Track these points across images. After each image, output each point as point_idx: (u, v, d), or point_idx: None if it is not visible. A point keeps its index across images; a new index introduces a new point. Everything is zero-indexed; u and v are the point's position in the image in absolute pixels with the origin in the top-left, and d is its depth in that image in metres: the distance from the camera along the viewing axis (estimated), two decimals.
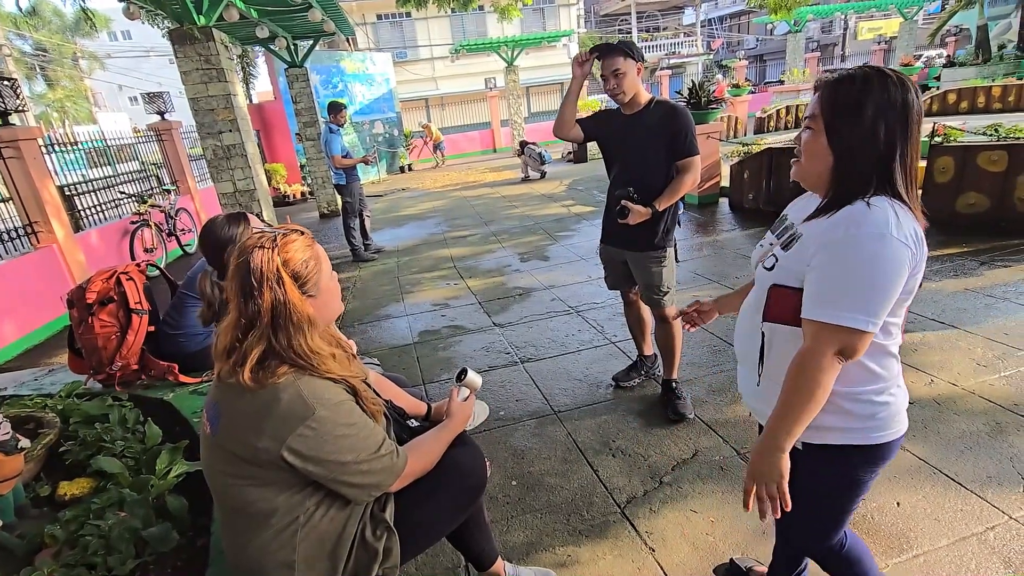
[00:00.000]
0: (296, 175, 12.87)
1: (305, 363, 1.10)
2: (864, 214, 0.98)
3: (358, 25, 21.58)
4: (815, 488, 1.17)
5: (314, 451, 1.07)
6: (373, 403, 1.21)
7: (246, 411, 1.08)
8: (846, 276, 0.97)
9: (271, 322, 1.08)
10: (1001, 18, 19.81)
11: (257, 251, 1.09)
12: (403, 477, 1.21)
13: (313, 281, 1.15)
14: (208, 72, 4.96)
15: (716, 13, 36.61)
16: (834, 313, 0.97)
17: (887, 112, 0.99)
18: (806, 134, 1.09)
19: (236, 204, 5.28)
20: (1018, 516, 1.83)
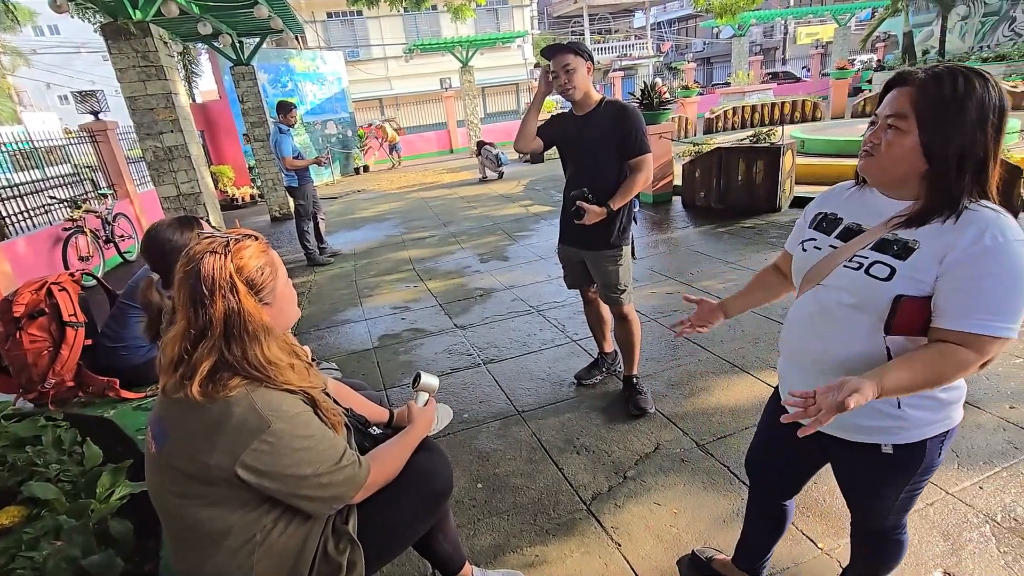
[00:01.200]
0: (245, 177, 12.39)
1: (261, 374, 1.05)
2: (999, 219, 0.96)
3: (307, 23, 21.00)
4: (906, 478, 1.18)
5: (271, 466, 1.03)
6: (333, 413, 1.17)
7: (195, 427, 1.03)
8: (1004, 287, 0.94)
9: (224, 332, 1.02)
10: (924, 26, 21.20)
11: (208, 257, 1.03)
12: (366, 487, 1.17)
13: (269, 288, 1.10)
14: (146, 70, 4.70)
15: (665, 17, 37.59)
16: (999, 326, 0.94)
17: (988, 117, 0.95)
18: (890, 134, 1.02)
19: (180, 208, 5.03)
20: (954, 491, 1.96)
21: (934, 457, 1.14)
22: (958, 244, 0.96)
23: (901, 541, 1.34)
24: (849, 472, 1.28)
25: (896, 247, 1.04)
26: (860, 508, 1.33)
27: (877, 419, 1.12)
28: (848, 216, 1.17)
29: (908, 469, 1.16)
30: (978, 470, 2.05)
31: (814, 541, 1.81)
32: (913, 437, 1.11)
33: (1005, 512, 1.85)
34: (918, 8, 20.51)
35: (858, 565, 1.46)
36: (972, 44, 19.73)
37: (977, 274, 0.95)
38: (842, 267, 1.10)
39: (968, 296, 0.95)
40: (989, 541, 1.75)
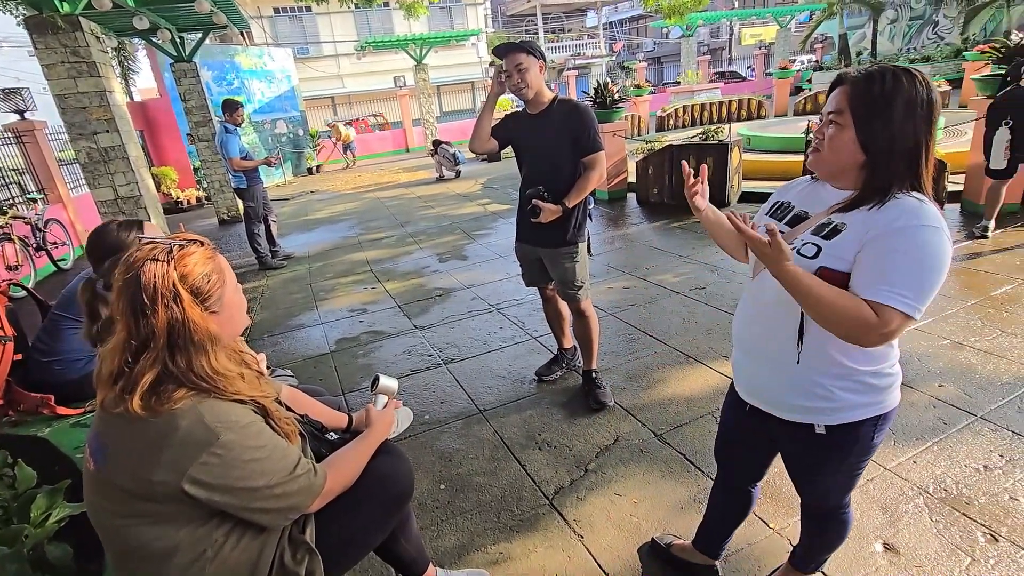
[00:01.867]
0: (190, 179, 11.87)
1: (208, 385, 1.01)
2: (920, 207, 1.02)
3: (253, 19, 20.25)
4: (842, 459, 1.25)
5: (221, 479, 0.99)
6: (286, 422, 1.14)
7: (137, 442, 0.98)
8: (911, 265, 0.99)
9: (167, 343, 0.98)
10: (858, 28, 22.41)
11: (149, 265, 0.98)
12: (323, 495, 1.15)
13: (216, 296, 1.05)
14: (77, 66, 4.42)
15: (616, 16, 38.26)
16: (901, 299, 0.98)
17: (916, 110, 1.02)
18: (831, 129, 1.10)
19: (119, 212, 4.76)
20: (891, 467, 2.08)
21: (868, 440, 1.21)
22: (877, 225, 1.04)
23: (845, 520, 1.41)
24: (789, 453, 1.35)
25: (827, 229, 1.11)
26: (803, 488, 1.40)
27: (810, 399, 1.18)
28: (799, 205, 1.25)
29: (842, 450, 1.23)
30: (912, 446, 2.18)
31: (766, 522, 1.89)
32: (844, 419, 1.18)
33: (936, 484, 1.98)
34: (852, 12, 21.65)
35: (806, 543, 1.54)
36: (900, 46, 21.01)
37: (887, 249, 1.01)
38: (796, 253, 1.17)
39: (876, 269, 1.02)
40: (923, 512, 1.87)
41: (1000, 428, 2.23)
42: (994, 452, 2.11)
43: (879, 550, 1.74)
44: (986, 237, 4.33)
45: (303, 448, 1.22)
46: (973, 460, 2.08)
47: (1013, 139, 3.95)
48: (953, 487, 1.96)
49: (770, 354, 1.23)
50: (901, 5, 21.00)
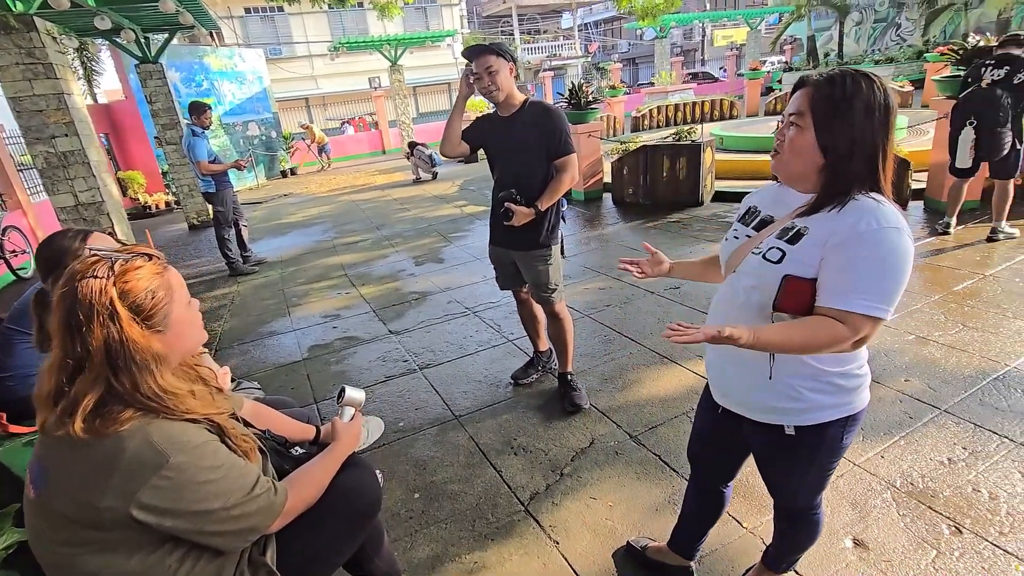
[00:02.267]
0: (158, 183, 11.55)
1: (156, 405, 0.96)
2: (878, 208, 1.03)
3: (223, 19, 19.86)
4: (812, 460, 1.25)
5: (173, 503, 0.94)
6: (243, 440, 1.09)
7: (81, 466, 0.93)
8: (876, 269, 1.00)
9: (107, 362, 0.93)
10: (825, 30, 22.97)
11: (87, 280, 0.93)
12: (285, 514, 1.10)
13: (162, 314, 1.00)
14: (32, 67, 4.26)
15: (591, 18, 38.53)
16: (870, 305, 1.00)
17: (874, 113, 1.04)
18: (792, 131, 1.10)
19: (80, 219, 4.61)
20: (860, 463, 2.12)
21: (838, 440, 1.22)
22: (839, 230, 1.04)
23: (816, 520, 1.43)
24: (760, 454, 1.36)
25: (790, 233, 1.12)
26: (774, 488, 1.41)
27: (779, 400, 1.19)
28: (765, 209, 1.25)
29: (811, 451, 1.23)
30: (880, 441, 2.22)
31: (739, 521, 1.90)
32: (813, 420, 1.18)
33: (903, 478, 2.02)
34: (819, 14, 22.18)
35: (778, 543, 1.55)
36: (866, 47, 21.59)
37: (851, 256, 1.02)
38: (750, 254, 1.19)
39: (843, 277, 1.03)
40: (890, 506, 1.90)
41: (963, 421, 2.29)
42: (958, 445, 2.16)
43: (849, 546, 1.76)
44: (948, 233, 4.46)
45: (264, 465, 1.18)
46: (938, 453, 2.12)
47: (977, 139, 4.07)
48: (919, 480, 2.00)
49: (740, 356, 1.23)
50: (866, 8, 21.59)
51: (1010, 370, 2.60)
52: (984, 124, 4.01)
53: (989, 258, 3.95)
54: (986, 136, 4.03)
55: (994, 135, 3.99)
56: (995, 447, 2.12)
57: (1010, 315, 3.10)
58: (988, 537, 1.73)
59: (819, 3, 20.56)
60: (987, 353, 2.76)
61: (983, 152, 4.10)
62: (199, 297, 5.12)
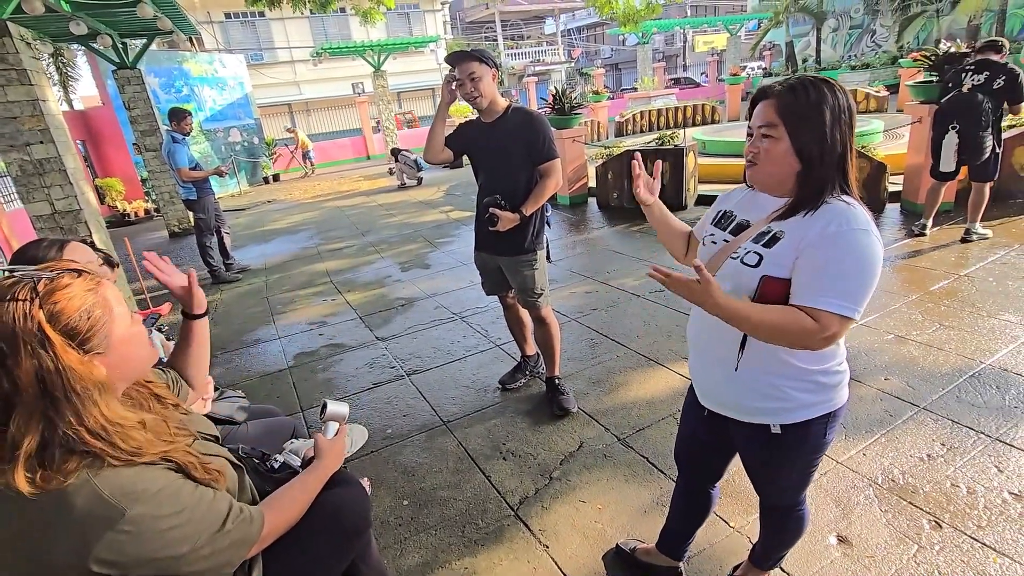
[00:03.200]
0: (137, 190, 11.35)
1: (104, 445, 0.85)
2: (848, 211, 1.06)
3: (202, 24, 19.65)
4: (797, 457, 1.28)
5: (134, 556, 0.86)
6: (208, 470, 1.00)
7: (29, 525, 0.83)
8: (843, 268, 1.04)
9: (42, 397, 0.81)
10: (802, 36, 23.44)
11: (6, 305, 0.81)
12: (262, 540, 1.05)
13: (101, 335, 0.89)
14: (5, 74, 4.17)
15: (574, 24, 38.85)
16: (839, 304, 1.03)
17: (840, 116, 1.08)
18: (766, 142, 1.12)
19: (57, 228, 4.51)
20: (843, 460, 2.15)
21: (820, 437, 1.25)
22: (811, 232, 1.08)
23: (801, 517, 1.45)
24: (748, 454, 1.38)
25: (766, 237, 1.15)
26: (761, 487, 1.43)
27: (764, 400, 1.21)
28: (740, 213, 1.28)
29: (797, 448, 1.26)
30: (861, 438, 2.27)
31: (726, 521, 1.92)
32: (798, 418, 1.21)
33: (884, 474, 2.06)
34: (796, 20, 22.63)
35: (765, 541, 1.57)
36: (842, 53, 22.07)
37: (822, 257, 1.06)
38: (729, 259, 1.21)
39: (815, 277, 1.06)
40: (872, 503, 1.94)
41: (941, 418, 2.34)
42: (936, 441, 2.21)
43: (833, 543, 1.79)
44: (924, 235, 4.57)
45: (240, 481, 1.14)
46: (917, 450, 2.17)
47: (960, 143, 4.18)
48: (900, 477, 2.04)
49: (721, 358, 1.26)
50: (842, 15, 22.09)
51: (985, 367, 2.66)
52: (966, 128, 4.12)
53: (964, 258, 4.05)
54: (969, 140, 4.14)
55: (975, 139, 4.10)
56: (972, 443, 2.17)
57: (984, 314, 3.18)
58: (967, 531, 1.78)
59: (796, 10, 20.99)
60: (963, 351, 2.83)
61: (964, 156, 4.22)
62: None
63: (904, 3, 18.15)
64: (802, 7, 20.92)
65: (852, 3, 21.50)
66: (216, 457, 1.08)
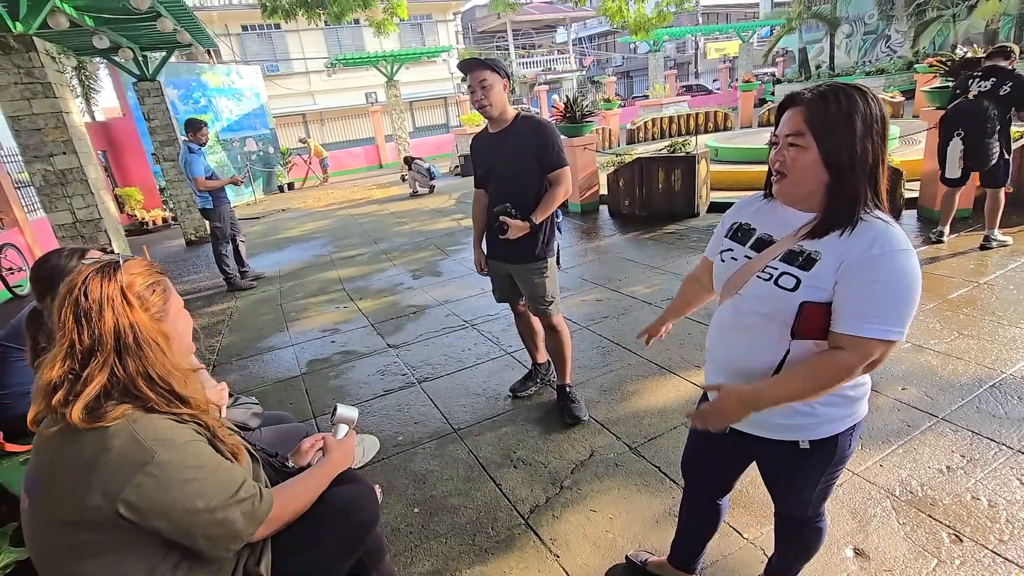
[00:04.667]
0: (155, 199, 11.58)
1: (161, 390, 1.01)
2: (887, 231, 1.03)
3: (220, 36, 20.06)
4: (822, 470, 1.25)
5: (155, 501, 0.94)
6: (232, 442, 1.11)
7: (69, 464, 0.94)
8: (890, 294, 1.01)
9: (115, 347, 0.98)
10: (816, 43, 23.29)
11: (94, 277, 1.00)
12: (268, 522, 1.09)
13: (160, 305, 1.08)
14: (31, 87, 4.30)
15: (585, 32, 39.01)
16: (884, 329, 1.00)
17: (872, 126, 1.03)
18: (793, 151, 1.08)
19: (78, 236, 4.61)
20: (859, 471, 2.12)
21: (845, 449, 1.23)
22: (852, 253, 1.04)
23: (820, 528, 1.42)
24: (772, 468, 1.35)
25: (801, 258, 1.10)
26: (783, 500, 1.41)
27: (793, 417, 1.18)
28: (760, 227, 1.22)
29: (824, 462, 1.24)
30: (878, 449, 2.23)
31: (740, 532, 1.90)
32: (826, 432, 1.19)
33: (902, 486, 2.02)
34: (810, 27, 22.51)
35: (782, 553, 1.54)
36: (856, 59, 21.88)
37: (866, 281, 1.02)
38: (756, 278, 1.16)
39: (858, 303, 1.03)
40: (890, 515, 1.90)
41: (961, 429, 2.29)
42: (956, 453, 2.16)
43: (850, 555, 1.76)
44: (942, 242, 4.50)
45: (255, 471, 1.18)
46: (936, 461, 2.13)
47: (965, 149, 4.13)
48: (918, 489, 2.00)
49: (751, 377, 1.20)
50: (856, 20, 21.93)
51: (1006, 377, 2.61)
52: (971, 135, 4.07)
53: (983, 266, 3.98)
54: (973, 147, 4.08)
55: (981, 146, 4.05)
56: (993, 454, 2.13)
57: (1005, 322, 3.12)
58: (988, 545, 1.73)
59: (809, 16, 20.89)
60: (983, 360, 2.77)
61: (971, 162, 4.16)
62: (197, 312, 5.14)
63: (920, 8, 17.97)
64: (815, 13, 20.82)
65: (866, 9, 21.33)
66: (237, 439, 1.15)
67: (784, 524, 1.48)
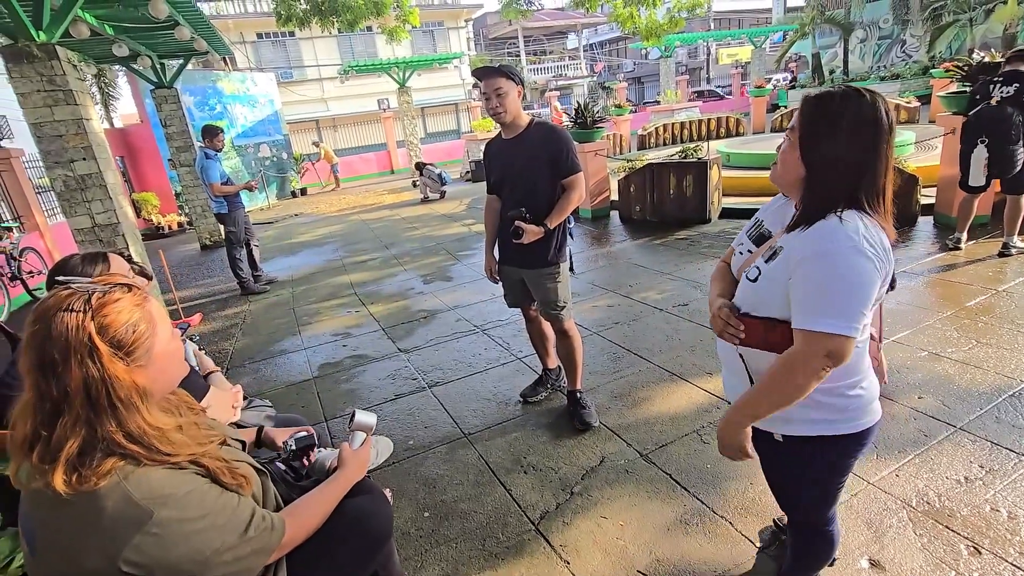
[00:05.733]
0: (171, 204, 11.76)
1: (142, 448, 0.90)
2: (836, 229, 1.04)
3: (236, 44, 20.37)
4: (802, 473, 1.28)
5: (160, 559, 0.89)
6: (234, 475, 1.03)
7: (64, 526, 0.88)
8: (828, 287, 1.03)
9: (88, 404, 0.87)
10: (829, 47, 23.12)
11: (62, 315, 0.87)
12: (282, 547, 1.07)
13: (143, 348, 0.94)
14: (53, 94, 4.39)
15: (597, 39, 39.08)
16: (822, 321, 1.03)
17: (860, 129, 1.04)
18: (784, 143, 1.16)
19: (96, 240, 4.69)
20: (874, 481, 2.09)
21: (831, 457, 1.23)
22: (799, 249, 1.08)
23: (828, 535, 1.41)
24: (762, 460, 1.38)
25: (771, 252, 1.17)
26: (778, 499, 1.43)
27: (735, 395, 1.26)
28: (768, 224, 1.28)
29: (802, 461, 1.26)
30: (894, 458, 2.19)
31: (752, 541, 1.88)
32: (798, 431, 1.21)
33: (919, 497, 1.99)
34: (823, 32, 22.36)
35: (793, 559, 1.53)
36: (871, 64, 21.67)
37: (802, 277, 1.07)
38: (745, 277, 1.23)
39: (800, 296, 1.07)
40: (907, 526, 1.87)
41: (979, 439, 2.25)
42: (974, 463, 2.12)
43: (866, 567, 1.73)
44: (959, 249, 4.43)
45: (264, 485, 1.16)
46: (954, 472, 2.09)
47: (990, 156, 4.06)
48: (936, 500, 1.97)
49: (736, 371, 1.28)
50: (870, 25, 21.74)
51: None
52: (996, 142, 4.01)
53: (1002, 273, 3.91)
54: (998, 154, 4.02)
55: (1005, 153, 3.99)
56: (1013, 465, 2.08)
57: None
58: (1008, 558, 1.70)
59: (823, 21, 20.74)
60: (1002, 369, 2.72)
61: (995, 169, 4.10)
62: (211, 316, 5.19)
63: (936, 12, 17.77)
64: (829, 18, 20.66)
65: (881, 13, 21.15)
66: (241, 463, 1.11)
67: (794, 529, 1.48)
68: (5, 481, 1.94)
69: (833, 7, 21.85)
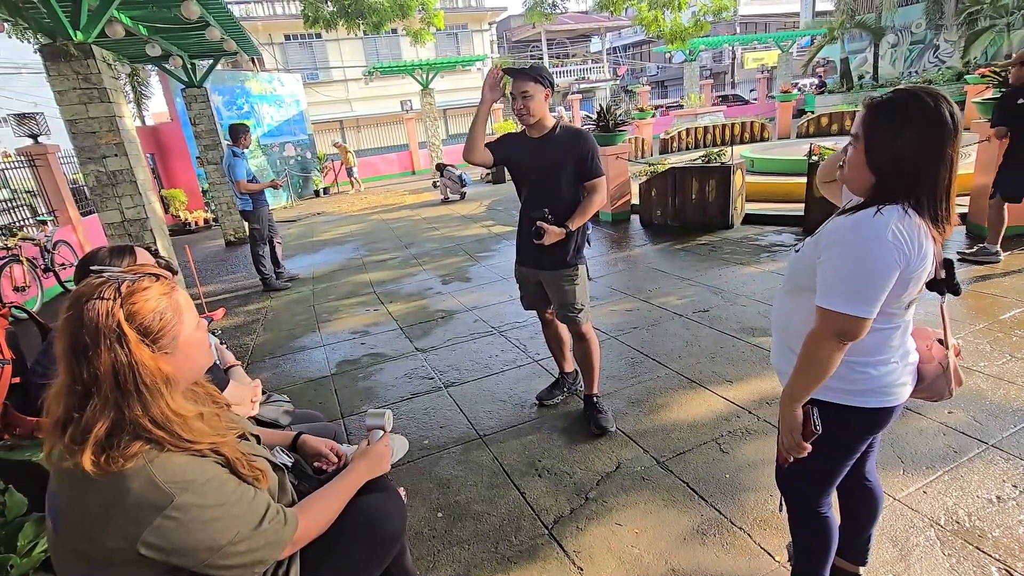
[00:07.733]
0: (198, 201, 12.02)
1: (166, 433, 0.93)
2: (865, 219, 1.09)
3: (264, 45, 20.77)
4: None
5: (178, 543, 0.91)
6: (251, 467, 1.05)
7: (89, 505, 0.91)
8: (845, 270, 1.11)
9: (115, 388, 0.90)
10: (859, 52, 22.63)
11: (93, 302, 0.91)
12: (294, 543, 1.08)
13: (169, 336, 0.97)
14: (88, 92, 4.52)
15: (620, 42, 38.90)
16: (833, 300, 1.11)
17: (923, 134, 1.06)
18: (851, 150, 1.18)
19: (125, 235, 4.81)
20: (900, 497, 2.02)
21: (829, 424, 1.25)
22: (832, 232, 1.16)
23: (823, 518, 1.41)
24: None
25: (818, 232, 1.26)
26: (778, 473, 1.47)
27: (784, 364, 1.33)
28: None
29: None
30: (922, 475, 2.12)
31: (771, 554, 1.83)
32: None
33: (948, 515, 1.92)
34: (852, 36, 21.90)
35: (796, 554, 1.55)
36: (902, 70, 21.17)
37: (831, 258, 1.14)
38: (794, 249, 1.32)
39: (823, 276, 1.16)
40: (934, 545, 1.81)
41: (1013, 457, 2.17)
42: (1007, 482, 2.04)
43: None
44: (997, 261, 4.28)
45: (280, 481, 1.17)
46: (985, 490, 2.01)
47: None
48: (965, 519, 1.89)
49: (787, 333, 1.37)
50: (902, 30, 21.23)
51: None
52: None
53: None
54: None
55: None
56: None
57: None
58: None
59: (853, 25, 20.32)
60: None
61: None
62: (234, 311, 5.29)
63: (971, 17, 17.26)
64: (859, 23, 20.23)
65: (914, 18, 20.64)
66: (258, 457, 1.12)
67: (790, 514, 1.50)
68: (30, 468, 1.99)
69: (864, 11, 21.38)
